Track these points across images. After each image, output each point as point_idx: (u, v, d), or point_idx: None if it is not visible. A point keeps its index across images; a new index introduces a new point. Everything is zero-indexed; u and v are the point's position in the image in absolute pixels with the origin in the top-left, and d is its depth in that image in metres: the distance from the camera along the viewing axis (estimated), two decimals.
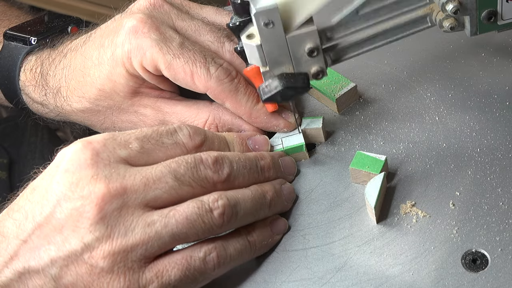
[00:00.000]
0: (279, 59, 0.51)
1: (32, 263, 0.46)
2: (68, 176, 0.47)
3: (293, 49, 0.51)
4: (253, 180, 0.53)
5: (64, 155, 0.48)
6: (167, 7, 0.62)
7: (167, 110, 0.63)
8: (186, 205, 0.48)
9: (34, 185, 0.49)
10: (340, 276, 0.50)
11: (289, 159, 0.58)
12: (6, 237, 0.47)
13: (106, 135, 0.49)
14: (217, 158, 0.51)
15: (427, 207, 0.53)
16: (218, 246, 0.49)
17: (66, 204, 0.46)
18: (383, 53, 0.68)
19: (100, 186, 0.46)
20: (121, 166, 0.48)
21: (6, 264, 0.47)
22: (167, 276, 0.47)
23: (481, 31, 0.52)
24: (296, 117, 0.60)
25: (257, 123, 0.61)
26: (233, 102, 0.59)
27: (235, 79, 0.59)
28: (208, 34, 0.62)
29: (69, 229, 0.46)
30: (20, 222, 0.47)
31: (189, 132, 0.53)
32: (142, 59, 0.58)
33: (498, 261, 0.48)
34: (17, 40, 0.71)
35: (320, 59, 0.52)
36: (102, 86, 0.62)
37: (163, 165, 0.49)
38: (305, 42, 0.50)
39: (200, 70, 0.58)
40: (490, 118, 0.58)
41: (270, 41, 0.50)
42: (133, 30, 0.59)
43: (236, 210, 0.50)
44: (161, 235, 0.47)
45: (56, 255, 0.46)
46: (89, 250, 0.46)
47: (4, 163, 0.88)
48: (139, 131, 0.51)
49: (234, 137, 0.57)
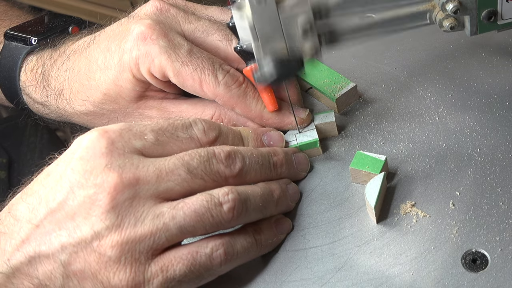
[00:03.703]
0: (271, 36, 0.50)
1: (43, 248, 0.47)
2: (82, 164, 0.47)
3: (286, 28, 0.50)
4: (265, 176, 0.54)
5: (80, 143, 0.48)
6: (174, 11, 0.62)
7: (173, 110, 0.63)
8: (195, 198, 0.48)
9: (48, 170, 0.49)
10: (340, 276, 0.50)
11: (302, 155, 0.58)
12: (19, 221, 0.48)
13: (123, 125, 0.50)
14: (230, 152, 0.51)
15: (427, 207, 0.53)
16: (226, 242, 0.49)
17: (79, 191, 0.47)
18: (383, 53, 0.68)
19: (113, 176, 0.46)
20: (135, 156, 0.48)
21: (18, 248, 0.47)
22: (172, 270, 0.47)
23: (481, 31, 0.52)
24: (308, 113, 0.60)
25: (269, 125, 0.61)
26: (243, 107, 0.60)
27: (243, 84, 0.60)
28: (216, 33, 0.62)
29: (81, 216, 0.46)
30: (33, 207, 0.48)
31: (203, 127, 0.53)
32: (150, 66, 0.59)
33: (498, 261, 0.48)
34: (17, 40, 0.71)
35: (314, 38, 0.51)
36: (107, 91, 0.62)
37: (176, 158, 0.49)
38: (299, 20, 0.49)
39: (209, 78, 0.58)
40: (490, 118, 0.58)
41: (263, 20, 0.49)
42: (141, 37, 0.59)
43: (246, 206, 0.50)
44: (169, 227, 0.47)
45: (66, 241, 0.46)
46: (99, 238, 0.46)
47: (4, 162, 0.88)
48: (155, 123, 0.51)
49: (249, 132, 0.58)
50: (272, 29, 0.50)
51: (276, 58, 0.51)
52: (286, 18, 0.49)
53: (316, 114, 0.61)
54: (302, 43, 0.51)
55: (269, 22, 0.49)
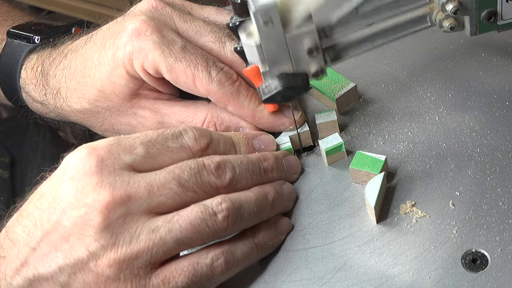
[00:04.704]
0: (278, 58, 0.51)
1: (41, 271, 0.47)
2: (73, 184, 0.47)
3: (292, 47, 0.51)
4: (256, 183, 0.53)
5: (69, 162, 0.48)
6: (169, 9, 0.62)
7: (166, 111, 0.63)
8: (190, 209, 0.48)
9: (41, 191, 0.49)
10: (340, 276, 0.50)
11: (293, 158, 0.58)
12: (16, 244, 0.48)
13: (112, 140, 0.49)
14: (220, 163, 0.51)
15: (427, 207, 0.53)
16: (226, 251, 0.49)
17: (71, 212, 0.46)
18: (383, 53, 0.68)
19: (104, 194, 0.46)
20: (126, 172, 0.48)
21: (17, 271, 0.47)
22: (174, 282, 0.47)
23: (481, 31, 0.52)
24: (300, 114, 0.60)
25: (261, 124, 0.61)
26: (235, 105, 0.59)
27: (236, 82, 0.59)
28: (210, 35, 0.61)
29: (75, 237, 0.46)
30: (29, 229, 0.48)
31: (194, 135, 0.52)
32: (143, 61, 0.58)
33: (498, 261, 0.48)
34: (20, 38, 0.71)
35: (319, 58, 0.52)
36: (101, 87, 0.62)
37: (167, 171, 0.49)
38: (304, 40, 0.50)
39: (202, 74, 0.58)
40: (490, 118, 0.58)
41: (270, 39, 0.50)
42: (135, 32, 0.59)
43: (240, 213, 0.49)
44: (166, 241, 0.47)
45: (63, 263, 0.46)
46: (95, 258, 0.46)
47: (6, 162, 0.88)
48: (144, 135, 0.51)
49: (240, 137, 0.57)
50: (278, 50, 0.50)
51: (283, 81, 0.51)
52: (292, 38, 0.50)
53: (318, 113, 0.61)
54: (307, 63, 0.52)
55: (275, 43, 0.50)
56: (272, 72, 0.52)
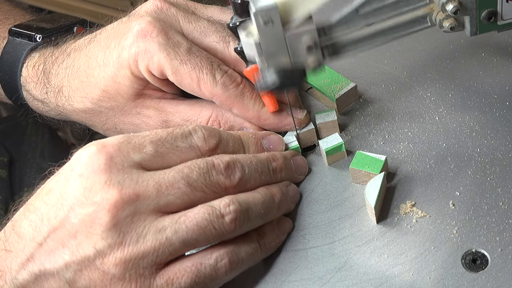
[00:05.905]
0: (276, 54, 0.51)
1: (48, 266, 0.47)
2: (82, 181, 0.47)
3: (291, 45, 0.51)
4: (264, 182, 0.53)
5: (79, 159, 0.48)
6: (174, 10, 0.62)
7: (170, 110, 0.63)
8: (197, 210, 0.48)
9: (49, 186, 0.49)
10: (340, 276, 0.50)
11: (300, 158, 0.58)
12: (22, 238, 0.48)
13: (121, 138, 0.49)
14: (229, 162, 0.51)
15: (427, 207, 0.53)
16: (230, 251, 0.49)
17: (80, 209, 0.46)
18: (383, 53, 0.68)
19: (112, 193, 0.46)
20: (135, 171, 0.48)
21: (23, 266, 0.47)
22: (178, 283, 0.47)
23: (481, 31, 0.52)
24: (305, 113, 0.60)
25: (267, 125, 0.61)
26: (240, 107, 0.60)
27: (241, 85, 0.60)
28: (214, 35, 0.62)
29: (83, 234, 0.46)
30: (36, 224, 0.48)
31: (203, 135, 0.52)
32: (148, 62, 0.59)
33: (498, 261, 0.48)
34: (22, 36, 0.71)
35: (317, 53, 0.52)
36: (106, 87, 0.62)
37: (175, 171, 0.49)
38: (304, 39, 0.50)
39: (207, 77, 0.58)
40: (490, 118, 0.58)
41: (269, 38, 0.50)
42: (141, 34, 0.59)
43: (248, 215, 0.49)
44: (172, 242, 0.47)
45: (70, 260, 0.46)
46: (101, 256, 0.46)
47: (4, 161, 0.88)
48: (154, 134, 0.50)
49: (249, 136, 0.57)
50: (277, 48, 0.50)
51: (279, 68, 0.51)
52: (292, 37, 0.50)
53: (318, 113, 0.61)
54: (306, 57, 0.52)
55: (275, 42, 0.50)
56: (269, 63, 0.51)
